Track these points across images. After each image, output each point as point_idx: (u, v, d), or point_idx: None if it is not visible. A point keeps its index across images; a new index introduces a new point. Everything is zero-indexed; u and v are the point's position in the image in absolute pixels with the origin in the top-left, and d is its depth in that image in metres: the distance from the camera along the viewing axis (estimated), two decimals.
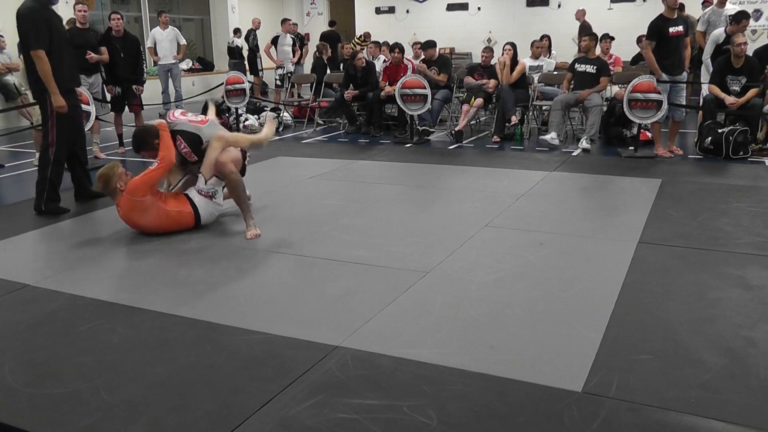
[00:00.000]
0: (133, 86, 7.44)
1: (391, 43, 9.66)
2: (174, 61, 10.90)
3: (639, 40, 8.57)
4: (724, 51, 7.26)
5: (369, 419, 2.15)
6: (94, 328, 2.90)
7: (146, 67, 9.57)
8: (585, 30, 12.08)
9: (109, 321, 2.98)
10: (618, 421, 2.12)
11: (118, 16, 7.28)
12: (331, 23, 14.23)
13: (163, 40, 10.79)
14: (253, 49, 12.85)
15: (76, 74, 5.13)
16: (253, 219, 4.27)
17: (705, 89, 7.42)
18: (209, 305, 3.13)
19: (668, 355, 2.54)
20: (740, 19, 7.17)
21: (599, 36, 8.18)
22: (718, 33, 7.47)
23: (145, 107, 7.85)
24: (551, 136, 7.22)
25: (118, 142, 7.74)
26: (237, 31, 12.89)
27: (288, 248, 3.97)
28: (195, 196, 4.24)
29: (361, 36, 13.69)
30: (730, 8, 7.92)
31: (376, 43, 10.50)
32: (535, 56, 8.71)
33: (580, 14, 12.64)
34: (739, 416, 2.13)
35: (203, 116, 4.55)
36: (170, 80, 10.96)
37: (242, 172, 4.44)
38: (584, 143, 7.10)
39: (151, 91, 10.59)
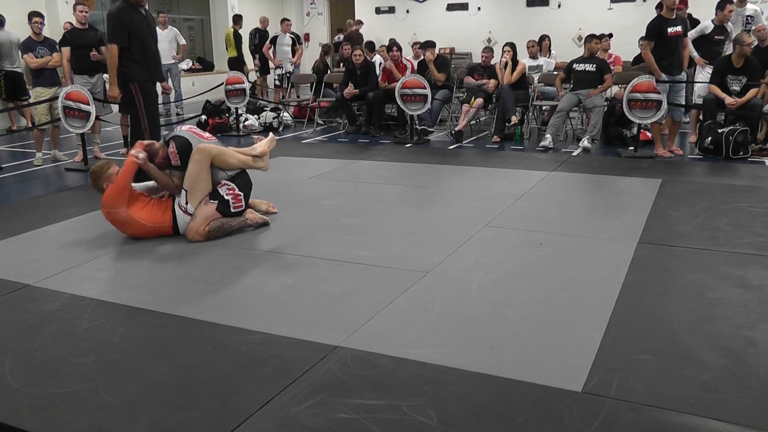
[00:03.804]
0: None
1: (389, 43, 9.66)
2: (173, 62, 10.91)
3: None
4: (713, 41, 7.39)
5: (369, 419, 2.15)
6: (94, 328, 2.90)
7: None
8: (352, 40, 12.37)
9: (109, 321, 2.98)
10: (618, 421, 2.12)
11: None
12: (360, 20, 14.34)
13: (162, 41, 10.77)
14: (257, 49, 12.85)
15: (157, 70, 5.73)
16: (256, 216, 4.38)
17: (698, 87, 7.47)
18: (209, 305, 3.13)
19: (668, 355, 2.54)
20: (723, 5, 7.23)
21: (598, 35, 8.18)
22: (706, 24, 7.52)
23: None
24: (549, 141, 7.23)
25: (123, 142, 7.74)
26: (340, 30, 13.35)
27: (288, 248, 3.97)
28: (176, 209, 4.14)
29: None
30: (750, 8, 7.94)
31: (370, 44, 10.43)
32: (531, 56, 8.71)
33: (349, 25, 13.38)
34: (739, 416, 2.13)
35: (209, 135, 4.43)
36: (170, 80, 10.97)
37: (247, 189, 4.32)
38: (585, 143, 7.11)
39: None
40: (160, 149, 4.25)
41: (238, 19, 11.62)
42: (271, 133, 4.61)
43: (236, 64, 11.25)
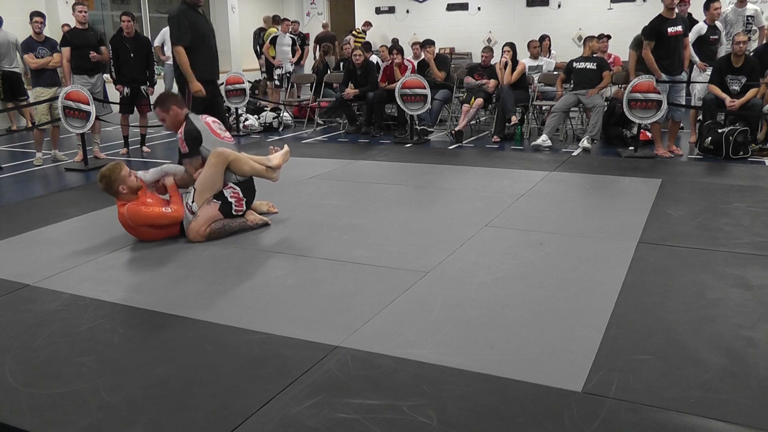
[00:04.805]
0: (142, 87, 7.48)
1: (389, 44, 9.65)
2: (170, 61, 10.91)
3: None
4: (710, 42, 7.39)
5: (369, 419, 2.15)
6: (94, 328, 2.90)
7: (157, 68, 9.65)
8: (321, 40, 12.52)
9: (109, 321, 2.98)
10: (618, 421, 2.12)
11: (129, 18, 7.31)
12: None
13: (168, 40, 10.79)
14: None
15: (215, 67, 5.87)
16: (256, 217, 4.38)
17: (697, 88, 7.46)
18: (209, 305, 3.13)
19: (668, 355, 2.54)
20: (708, 4, 7.24)
21: (596, 36, 8.21)
22: (701, 25, 7.53)
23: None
24: (542, 139, 7.23)
25: (123, 143, 7.75)
26: (349, 31, 13.53)
27: (288, 248, 3.97)
28: (184, 209, 4.17)
29: (359, 28, 13.68)
30: (750, 8, 7.94)
31: (367, 45, 10.41)
32: (533, 56, 8.71)
33: (324, 27, 13.53)
34: (739, 416, 2.13)
35: (227, 134, 4.51)
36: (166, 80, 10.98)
37: (250, 195, 4.36)
38: (585, 143, 7.11)
39: (155, 90, 10.60)
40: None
41: (277, 19, 11.60)
42: (285, 146, 4.63)
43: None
